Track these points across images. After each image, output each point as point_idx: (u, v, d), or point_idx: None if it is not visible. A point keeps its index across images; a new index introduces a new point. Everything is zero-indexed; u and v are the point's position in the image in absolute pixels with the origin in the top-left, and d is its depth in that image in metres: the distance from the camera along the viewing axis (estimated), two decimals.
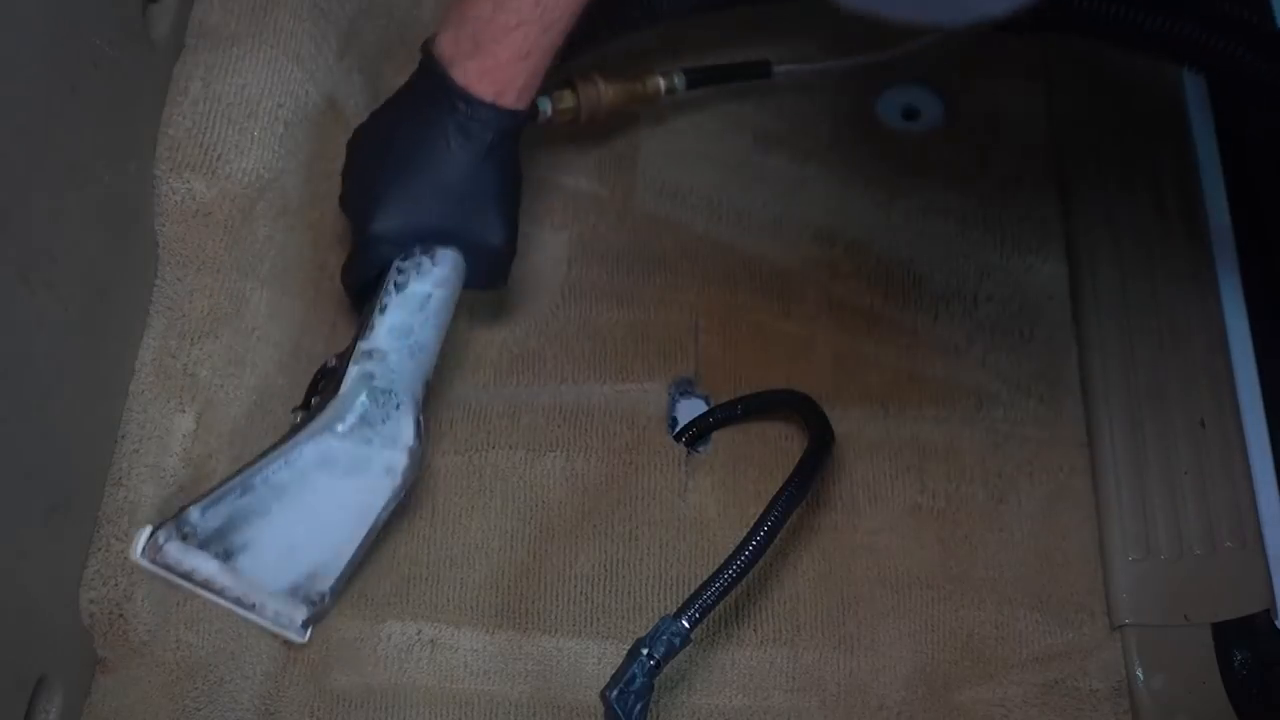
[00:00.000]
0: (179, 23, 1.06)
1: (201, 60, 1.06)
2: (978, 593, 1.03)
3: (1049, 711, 0.99)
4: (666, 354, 1.13)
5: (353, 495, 0.95)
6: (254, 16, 1.09)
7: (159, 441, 0.97)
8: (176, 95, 1.04)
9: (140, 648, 0.94)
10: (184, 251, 1.02)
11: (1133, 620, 1.01)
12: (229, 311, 1.02)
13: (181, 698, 0.94)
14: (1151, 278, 1.12)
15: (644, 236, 1.20)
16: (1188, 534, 1.00)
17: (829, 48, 1.30)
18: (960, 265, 1.18)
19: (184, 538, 0.93)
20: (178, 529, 0.93)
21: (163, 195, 1.01)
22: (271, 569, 0.96)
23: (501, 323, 1.16)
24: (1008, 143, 1.24)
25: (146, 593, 0.94)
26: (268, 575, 0.96)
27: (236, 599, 0.96)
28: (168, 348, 0.99)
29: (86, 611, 0.92)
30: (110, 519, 0.94)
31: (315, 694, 0.98)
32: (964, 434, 1.10)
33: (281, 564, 0.96)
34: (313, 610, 0.98)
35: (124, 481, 0.95)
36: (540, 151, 1.25)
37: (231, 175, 1.03)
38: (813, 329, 1.15)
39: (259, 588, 0.96)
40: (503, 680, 0.99)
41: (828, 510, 1.06)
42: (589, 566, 1.03)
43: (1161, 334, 1.09)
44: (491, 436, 1.09)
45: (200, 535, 0.93)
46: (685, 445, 1.09)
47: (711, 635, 1.01)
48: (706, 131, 1.26)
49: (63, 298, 0.88)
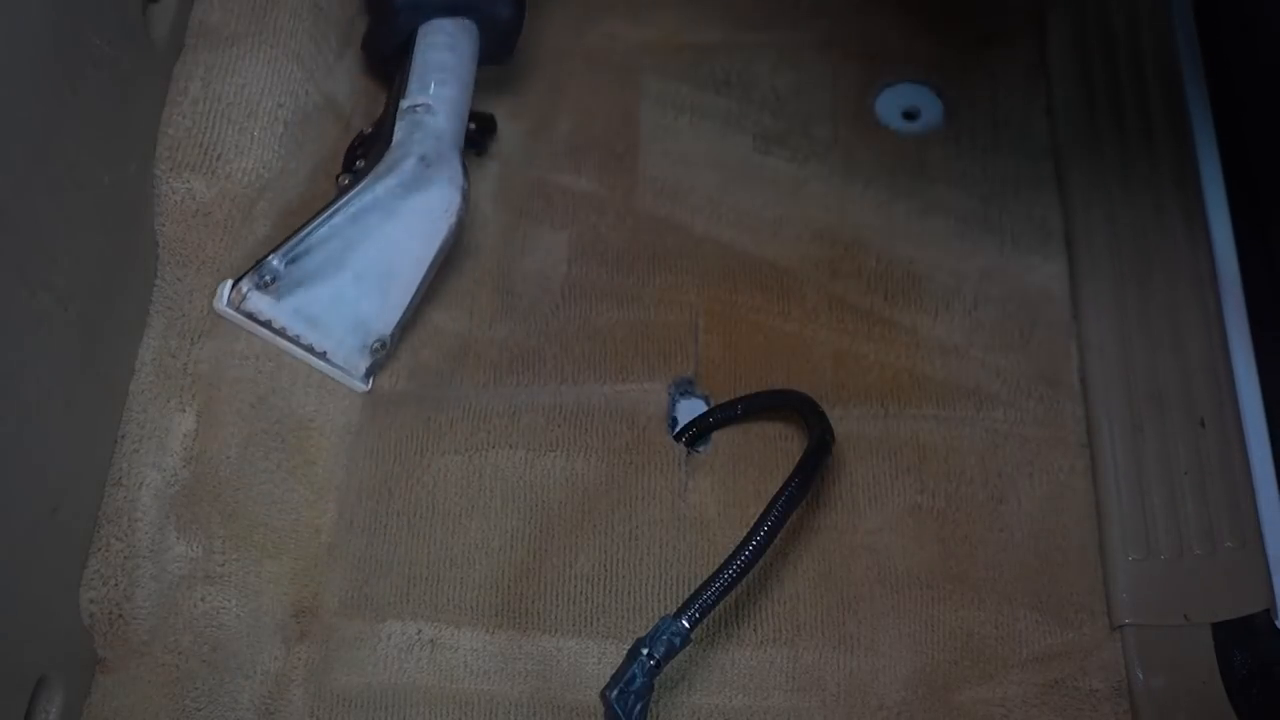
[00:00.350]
0: (179, 23, 1.06)
1: (201, 60, 1.06)
2: (977, 593, 1.03)
3: (1049, 711, 0.99)
4: (666, 354, 1.13)
5: (413, 240, 1.04)
6: (254, 16, 1.09)
7: (159, 441, 0.97)
8: (176, 95, 1.04)
9: (140, 648, 0.94)
10: (184, 251, 1.02)
11: (1133, 620, 1.01)
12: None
13: (181, 698, 0.94)
14: (1151, 278, 1.12)
15: (644, 236, 1.20)
16: (1188, 534, 1.00)
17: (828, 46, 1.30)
18: (960, 265, 1.18)
19: (263, 287, 0.99)
20: (259, 277, 0.99)
21: (163, 195, 1.01)
22: (339, 318, 1.04)
23: (501, 323, 1.16)
24: (1008, 143, 1.24)
25: (147, 593, 0.94)
26: (336, 323, 1.04)
27: (309, 346, 1.03)
28: (168, 347, 0.99)
29: (86, 611, 0.92)
30: (110, 519, 0.94)
31: (315, 694, 0.98)
32: (964, 434, 1.10)
33: (348, 312, 1.04)
34: (374, 359, 1.07)
35: (124, 481, 0.95)
36: (540, 151, 1.25)
37: (231, 175, 1.03)
38: (813, 329, 1.15)
39: (329, 335, 1.04)
40: (503, 680, 0.99)
41: (828, 510, 1.06)
42: (589, 566, 1.03)
43: (1161, 334, 1.09)
44: (491, 436, 1.09)
45: (279, 284, 1.00)
46: (685, 445, 1.09)
47: (711, 635, 1.01)
48: (706, 131, 1.26)
49: (63, 298, 0.88)
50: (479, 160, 1.23)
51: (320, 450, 1.06)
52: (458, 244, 1.16)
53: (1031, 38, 1.30)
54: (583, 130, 1.26)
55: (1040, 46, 1.29)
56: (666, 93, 1.28)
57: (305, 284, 1.01)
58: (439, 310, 1.15)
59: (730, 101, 1.28)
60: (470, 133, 1.21)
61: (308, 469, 1.05)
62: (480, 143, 1.22)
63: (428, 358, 1.13)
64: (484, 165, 1.23)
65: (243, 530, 0.99)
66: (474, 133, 1.21)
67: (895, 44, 1.30)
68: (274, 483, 1.02)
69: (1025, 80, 1.28)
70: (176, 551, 0.96)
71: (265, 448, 1.02)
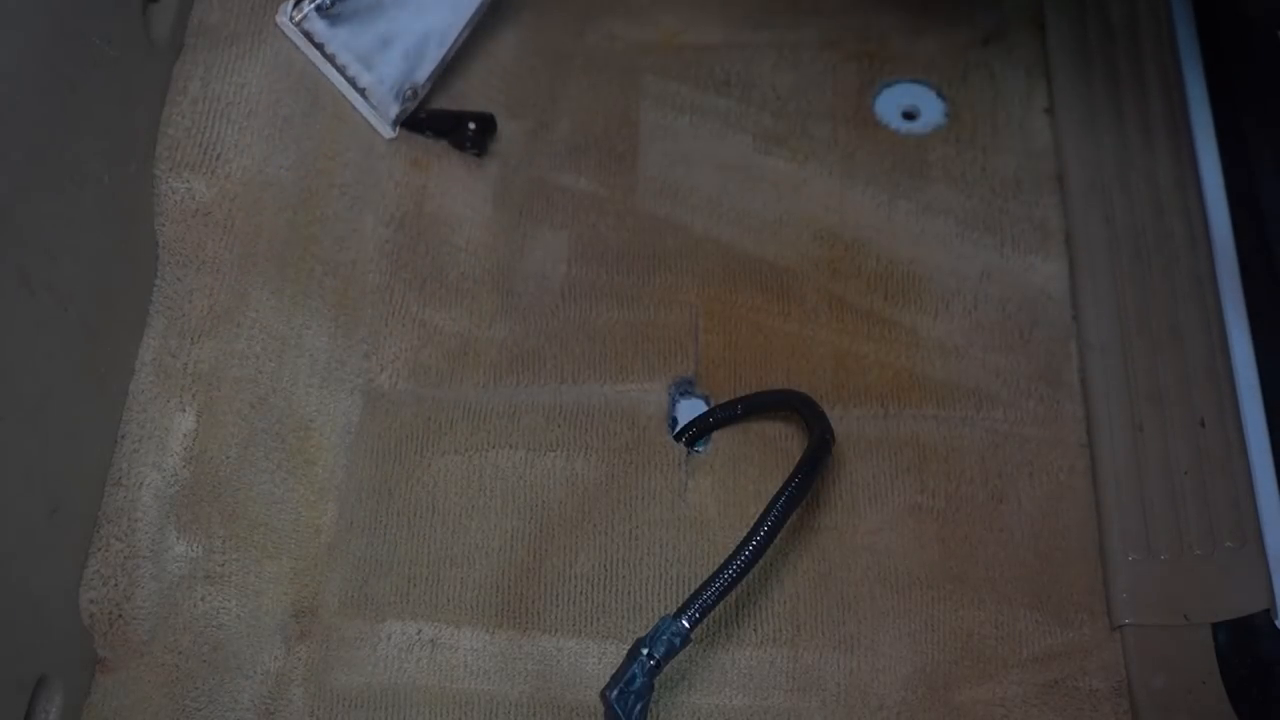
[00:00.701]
0: (179, 23, 1.06)
1: (201, 60, 1.06)
2: (978, 593, 1.03)
3: (1049, 711, 0.99)
4: (666, 354, 1.13)
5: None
6: (254, 16, 1.09)
7: (159, 441, 0.97)
8: (176, 95, 1.04)
9: (140, 648, 0.94)
10: (184, 251, 1.02)
11: (1133, 620, 1.01)
12: (229, 310, 1.02)
13: (181, 698, 0.94)
14: (1151, 278, 1.12)
15: (644, 236, 1.20)
16: (1188, 534, 1.00)
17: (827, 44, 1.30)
18: (960, 265, 1.18)
19: (323, 10, 1.06)
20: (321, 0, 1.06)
21: (163, 195, 1.01)
22: (383, 59, 1.11)
23: (501, 323, 1.15)
24: (1008, 143, 1.24)
25: (147, 593, 0.94)
26: (379, 63, 1.11)
27: (352, 79, 1.10)
28: (168, 347, 0.99)
29: (86, 611, 0.92)
30: (110, 519, 0.94)
31: (315, 694, 0.98)
32: (964, 434, 1.10)
33: (392, 56, 1.12)
34: (404, 106, 1.14)
35: (124, 481, 0.95)
36: (540, 151, 1.25)
37: (231, 174, 1.03)
38: (813, 329, 1.15)
39: (371, 73, 1.11)
40: (503, 680, 0.99)
41: (828, 510, 1.06)
42: (589, 566, 1.03)
43: (1161, 334, 1.09)
44: (491, 436, 1.09)
45: (336, 10, 1.06)
46: (685, 445, 1.09)
47: (711, 635, 1.01)
48: (706, 131, 1.26)
49: (63, 298, 0.88)
50: (479, 160, 1.23)
51: (320, 450, 1.06)
52: (458, 244, 1.16)
53: (1031, 38, 1.30)
54: (583, 130, 1.26)
55: (1040, 46, 1.29)
56: (666, 93, 1.28)
57: (358, 19, 1.08)
58: (439, 310, 1.15)
59: (730, 101, 1.28)
60: (470, 133, 1.21)
61: (308, 469, 1.05)
62: (480, 143, 1.22)
63: (428, 358, 1.13)
64: (484, 165, 1.23)
65: (243, 530, 0.99)
66: (474, 133, 1.21)
67: (895, 44, 1.30)
68: (274, 483, 1.02)
69: (1025, 80, 1.28)
70: (176, 551, 0.96)
71: (265, 448, 1.02)
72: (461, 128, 1.21)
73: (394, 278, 1.14)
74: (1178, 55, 1.17)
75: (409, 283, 1.15)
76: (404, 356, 1.12)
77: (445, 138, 1.22)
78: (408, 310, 1.14)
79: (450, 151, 1.22)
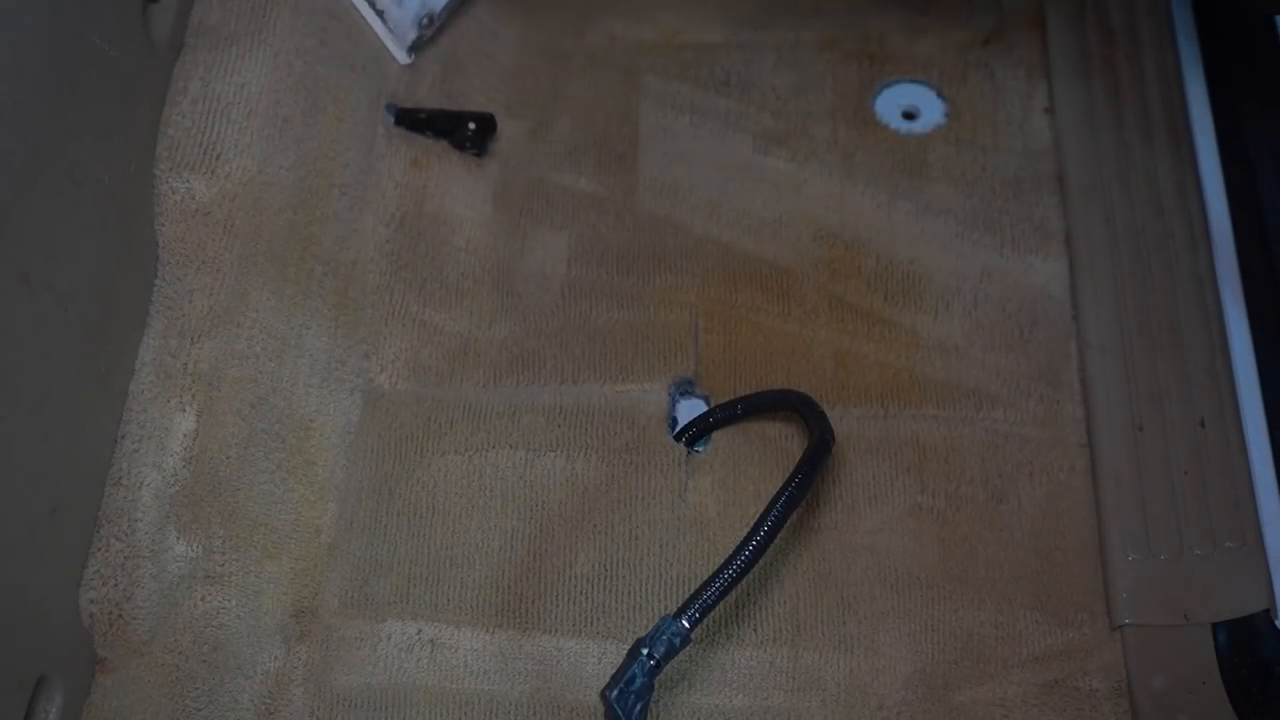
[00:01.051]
0: (179, 23, 1.06)
1: (201, 60, 1.06)
2: (977, 593, 1.03)
3: (1049, 711, 0.99)
4: (666, 354, 1.13)
5: None
6: (254, 16, 1.09)
7: (159, 441, 0.97)
8: (176, 95, 1.04)
9: (140, 648, 0.94)
10: (184, 251, 1.02)
11: (1133, 620, 1.01)
12: (229, 310, 1.02)
13: (182, 698, 0.94)
14: (1151, 278, 1.12)
15: (644, 236, 1.20)
16: (1188, 534, 1.00)
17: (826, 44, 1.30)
18: (960, 265, 1.18)
19: None
20: None
21: (163, 195, 1.01)
22: None
23: (501, 323, 1.15)
24: (1008, 143, 1.24)
25: (147, 593, 0.94)
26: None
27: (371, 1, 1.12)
28: (168, 347, 0.99)
29: (86, 611, 0.92)
30: (110, 519, 0.94)
31: (315, 694, 0.98)
32: (964, 434, 1.10)
33: None
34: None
35: (124, 481, 0.95)
36: (540, 151, 1.25)
37: (231, 174, 1.03)
38: (813, 329, 1.15)
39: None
40: (503, 680, 0.99)
41: (828, 510, 1.06)
42: (589, 566, 1.03)
43: (1161, 334, 1.09)
44: (491, 436, 1.09)
45: None
46: (685, 445, 1.09)
47: (711, 635, 1.01)
48: (706, 131, 1.26)
49: (63, 298, 0.88)
50: (479, 160, 1.23)
51: (320, 450, 1.06)
52: (458, 244, 1.16)
53: (1032, 38, 1.30)
54: (583, 130, 1.26)
55: (1040, 46, 1.29)
56: (666, 93, 1.28)
57: None
58: (439, 310, 1.15)
59: (730, 101, 1.28)
60: (470, 133, 1.21)
61: (308, 469, 1.05)
62: (480, 143, 1.22)
63: (428, 358, 1.13)
64: (484, 165, 1.23)
65: (243, 530, 0.99)
66: (474, 133, 1.21)
67: (895, 44, 1.30)
68: (274, 483, 1.02)
69: (1025, 80, 1.28)
70: (176, 551, 0.96)
71: (265, 448, 1.02)
72: (461, 128, 1.22)
73: (394, 278, 1.15)
74: (1178, 55, 1.17)
75: (409, 283, 1.15)
76: (404, 356, 1.13)
77: (445, 138, 1.22)
78: (408, 310, 1.14)
79: (450, 151, 1.22)
